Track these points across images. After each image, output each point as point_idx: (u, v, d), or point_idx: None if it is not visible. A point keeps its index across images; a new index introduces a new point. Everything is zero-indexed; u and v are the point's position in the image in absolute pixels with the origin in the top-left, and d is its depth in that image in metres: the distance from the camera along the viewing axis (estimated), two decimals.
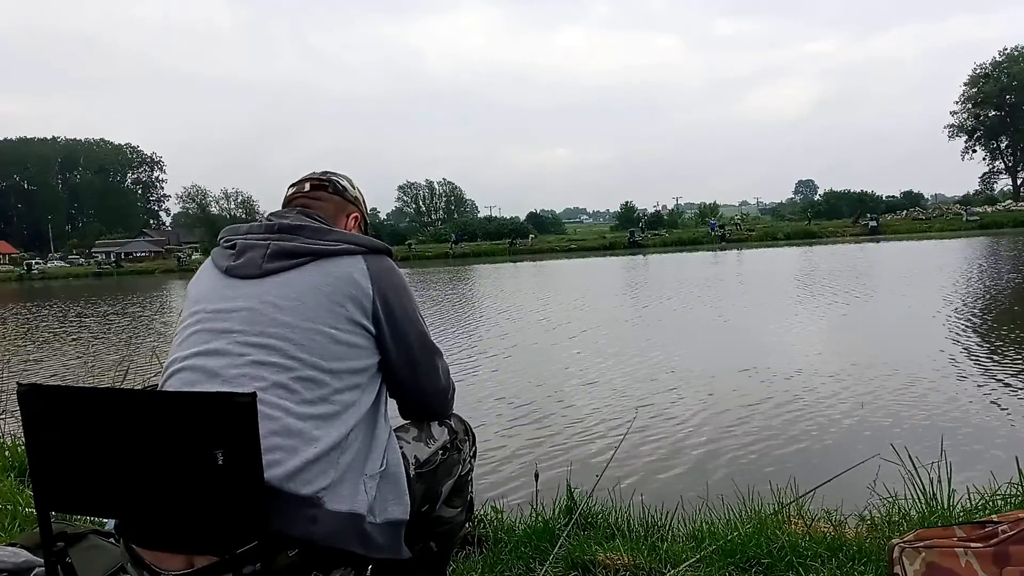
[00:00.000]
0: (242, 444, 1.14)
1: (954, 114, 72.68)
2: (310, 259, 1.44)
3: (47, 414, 1.24)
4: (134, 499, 1.22)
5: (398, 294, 1.49)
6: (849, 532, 2.41)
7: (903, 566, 1.69)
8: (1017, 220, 44.56)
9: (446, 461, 1.60)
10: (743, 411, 5.79)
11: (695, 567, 2.17)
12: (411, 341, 1.50)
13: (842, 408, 5.70)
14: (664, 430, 5.39)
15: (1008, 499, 2.53)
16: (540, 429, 5.63)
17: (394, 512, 1.37)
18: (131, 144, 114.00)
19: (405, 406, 1.63)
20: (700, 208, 76.58)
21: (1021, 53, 68.29)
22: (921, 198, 73.09)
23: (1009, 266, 18.41)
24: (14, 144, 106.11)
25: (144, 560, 1.25)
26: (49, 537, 1.28)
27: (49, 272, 59.77)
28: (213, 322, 1.40)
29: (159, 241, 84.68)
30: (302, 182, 1.69)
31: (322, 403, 1.33)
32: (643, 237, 51.28)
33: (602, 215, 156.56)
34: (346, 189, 1.70)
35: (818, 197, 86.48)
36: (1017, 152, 69.93)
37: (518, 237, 58.21)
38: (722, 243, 45.92)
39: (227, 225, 1.65)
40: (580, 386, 7.16)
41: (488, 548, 2.46)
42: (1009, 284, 14.32)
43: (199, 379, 1.33)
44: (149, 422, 1.19)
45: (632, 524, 2.61)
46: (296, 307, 1.38)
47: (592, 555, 2.29)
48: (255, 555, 1.18)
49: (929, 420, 5.24)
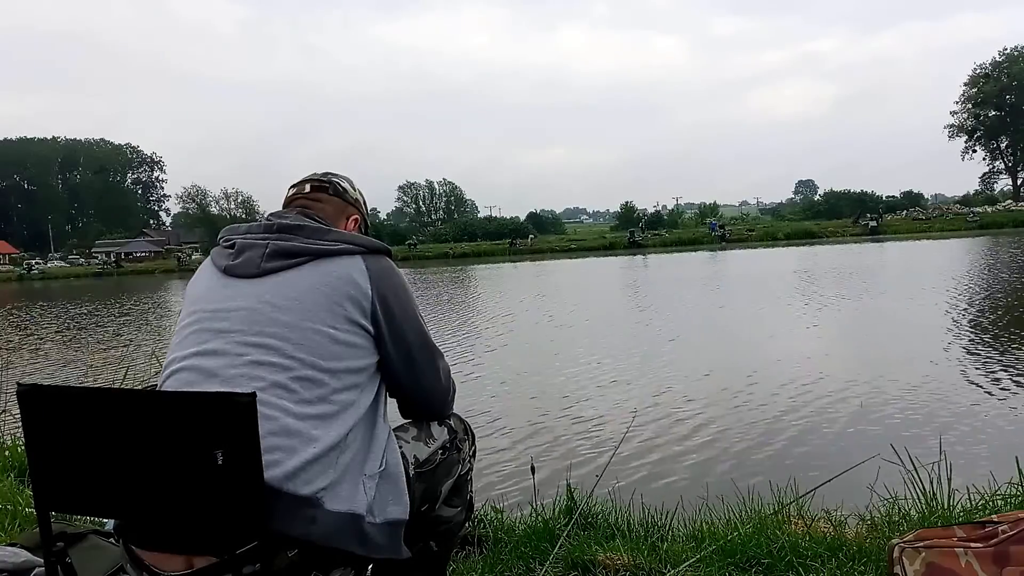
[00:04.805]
0: (242, 444, 1.14)
1: (954, 114, 72.73)
2: (309, 259, 1.44)
3: (47, 414, 1.23)
4: (134, 499, 1.21)
5: (397, 294, 1.49)
6: (849, 532, 2.40)
7: (903, 566, 1.69)
8: (1017, 220, 44.53)
9: (446, 461, 1.60)
10: (743, 411, 5.79)
11: (695, 567, 2.17)
12: (410, 341, 1.50)
13: (842, 408, 5.70)
14: (664, 430, 5.39)
15: (1008, 499, 2.53)
16: (540, 429, 5.63)
17: (393, 512, 1.37)
18: (131, 144, 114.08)
19: (405, 406, 1.63)
20: (700, 208, 76.59)
21: (1021, 53, 68.24)
22: (921, 198, 72.88)
23: (1009, 266, 18.40)
24: (14, 144, 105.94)
25: (144, 561, 1.25)
26: (49, 537, 1.28)
27: (49, 272, 59.69)
28: (212, 322, 1.40)
29: (159, 241, 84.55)
30: (303, 183, 1.69)
31: (321, 403, 1.33)
32: (643, 237, 51.25)
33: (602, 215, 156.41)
34: (346, 191, 1.70)
35: (818, 197, 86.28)
36: (1017, 152, 69.84)
37: (518, 237, 58.13)
38: (722, 243, 45.90)
39: (227, 225, 1.65)
40: (580, 386, 7.16)
41: (488, 548, 2.46)
42: (1009, 284, 14.32)
43: (197, 379, 1.33)
44: (149, 422, 1.18)
45: (632, 524, 2.61)
46: (295, 307, 1.38)
47: (592, 555, 2.28)
48: (255, 555, 1.17)
49: (929, 420, 5.24)
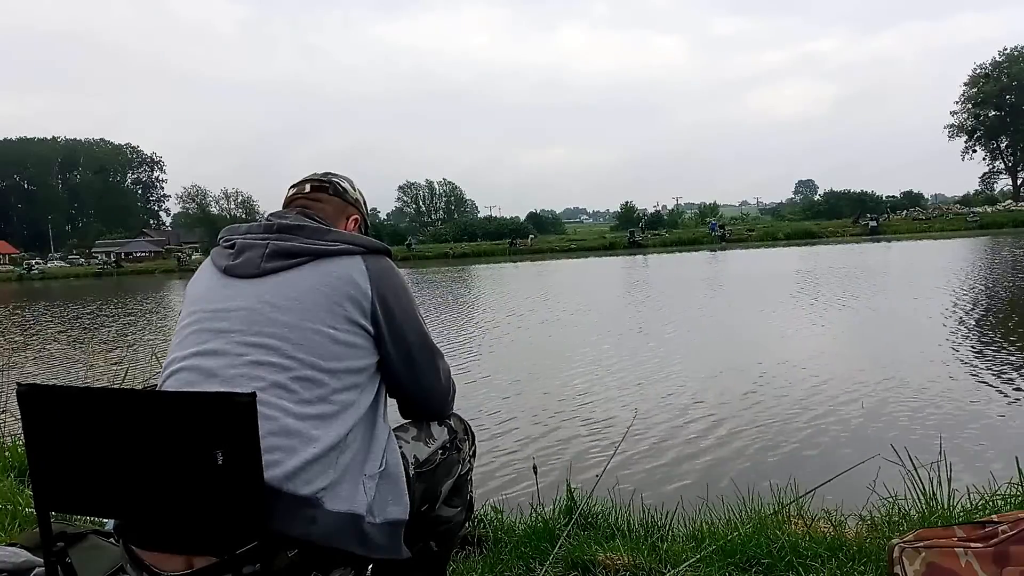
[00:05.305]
0: (242, 444, 1.14)
1: (954, 114, 72.65)
2: (308, 259, 1.44)
3: (47, 414, 1.24)
4: (134, 499, 1.22)
5: (397, 294, 1.49)
6: (849, 532, 2.40)
7: (903, 566, 1.69)
8: (1017, 220, 44.47)
9: (446, 460, 1.60)
10: (743, 411, 5.79)
11: (695, 567, 2.17)
12: (410, 341, 1.50)
13: (842, 408, 5.69)
14: (664, 430, 5.39)
15: (1008, 499, 2.53)
16: (540, 429, 5.62)
17: (393, 512, 1.37)
18: (131, 144, 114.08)
19: (405, 406, 1.63)
20: (700, 208, 76.56)
21: (1021, 53, 68.20)
22: (921, 198, 72.88)
23: (1009, 266, 18.40)
24: (14, 144, 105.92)
25: (144, 561, 1.25)
26: (49, 537, 1.28)
27: (49, 272, 59.64)
28: (211, 322, 1.40)
29: (159, 241, 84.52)
30: (303, 183, 1.69)
31: (321, 403, 1.33)
32: (643, 237, 51.21)
33: (602, 215, 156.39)
34: (347, 191, 1.70)
35: (818, 197, 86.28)
36: (1017, 152, 69.81)
37: (518, 237, 58.09)
38: (722, 243, 45.89)
39: (227, 225, 1.65)
40: (581, 386, 7.16)
41: (488, 548, 2.46)
42: (1009, 284, 14.32)
43: (197, 379, 1.33)
44: (149, 422, 1.18)
45: (632, 524, 2.61)
46: (294, 307, 1.38)
47: (592, 555, 2.28)
48: (255, 555, 1.17)
49: (929, 420, 5.24)
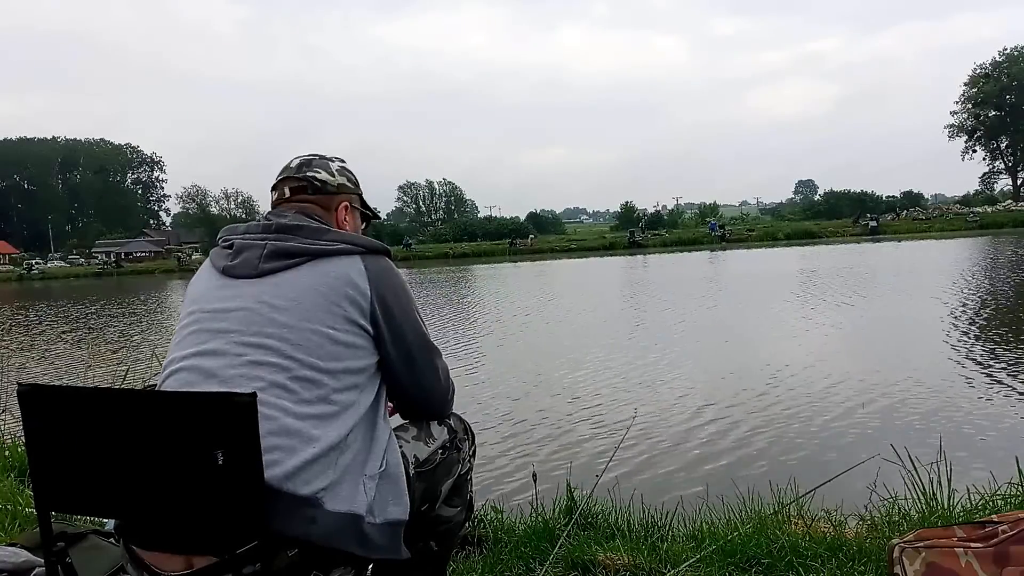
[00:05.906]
0: (242, 444, 1.14)
1: (954, 114, 72.59)
2: (307, 259, 1.43)
3: (47, 414, 1.24)
4: (134, 499, 1.22)
5: (396, 294, 1.49)
6: (849, 532, 2.41)
7: (903, 566, 1.69)
8: (1017, 220, 44.47)
9: (446, 460, 1.60)
10: (743, 411, 5.79)
11: (695, 567, 2.17)
12: (410, 341, 1.50)
13: (842, 408, 5.70)
14: (664, 430, 5.39)
15: (1008, 499, 2.53)
16: (540, 429, 5.62)
17: (394, 512, 1.37)
18: (131, 144, 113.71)
19: (404, 406, 1.63)
20: (700, 208, 76.52)
21: (1021, 53, 68.18)
22: (921, 198, 72.81)
23: (1009, 266, 18.40)
24: (14, 144, 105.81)
25: (144, 560, 1.25)
26: (49, 537, 1.28)
27: (49, 272, 59.61)
28: (210, 322, 1.40)
29: (159, 241, 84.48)
30: (283, 183, 1.61)
31: (320, 403, 1.33)
32: (643, 237, 51.19)
33: (602, 215, 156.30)
34: (326, 183, 1.61)
35: (818, 197, 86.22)
36: (1017, 152, 69.77)
37: (518, 237, 58.07)
38: (722, 243, 45.89)
39: (227, 225, 1.64)
40: (581, 386, 7.16)
41: (488, 548, 2.46)
42: (1009, 285, 14.32)
43: (196, 379, 1.33)
44: (149, 422, 1.19)
45: (632, 524, 2.61)
46: (293, 307, 1.38)
47: (592, 555, 2.28)
48: (255, 555, 1.18)
49: (929, 420, 5.24)
